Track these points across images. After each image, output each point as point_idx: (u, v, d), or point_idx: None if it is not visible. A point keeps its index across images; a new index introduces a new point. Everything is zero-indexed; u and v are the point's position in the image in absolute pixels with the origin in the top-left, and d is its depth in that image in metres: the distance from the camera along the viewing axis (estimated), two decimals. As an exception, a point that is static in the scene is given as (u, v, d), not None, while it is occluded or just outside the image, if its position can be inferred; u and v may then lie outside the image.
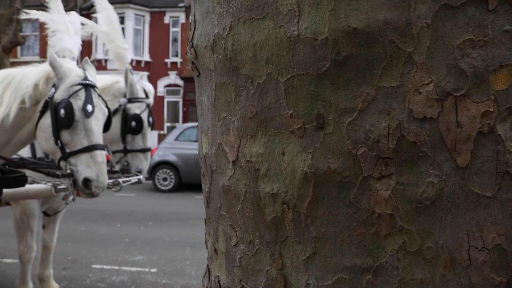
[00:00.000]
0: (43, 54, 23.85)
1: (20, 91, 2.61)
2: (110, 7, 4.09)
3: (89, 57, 3.07)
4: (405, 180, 0.67)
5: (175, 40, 23.76)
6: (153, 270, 5.46)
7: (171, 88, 23.17)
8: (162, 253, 6.14)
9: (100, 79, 3.93)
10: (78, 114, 2.53)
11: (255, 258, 0.78)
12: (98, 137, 2.59)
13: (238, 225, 0.80)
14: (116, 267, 5.56)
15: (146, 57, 22.04)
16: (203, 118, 0.90)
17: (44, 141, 2.61)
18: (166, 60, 22.84)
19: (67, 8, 20.24)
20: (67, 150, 2.54)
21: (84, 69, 2.72)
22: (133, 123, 3.68)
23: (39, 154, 3.79)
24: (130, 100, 3.75)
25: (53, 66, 2.59)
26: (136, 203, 9.98)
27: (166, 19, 23.43)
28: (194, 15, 0.90)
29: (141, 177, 3.83)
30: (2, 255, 5.98)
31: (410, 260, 0.67)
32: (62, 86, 2.57)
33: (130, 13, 21.67)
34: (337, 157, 0.69)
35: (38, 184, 3.23)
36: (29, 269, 4.26)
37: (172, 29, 23.58)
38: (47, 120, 2.58)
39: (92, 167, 2.51)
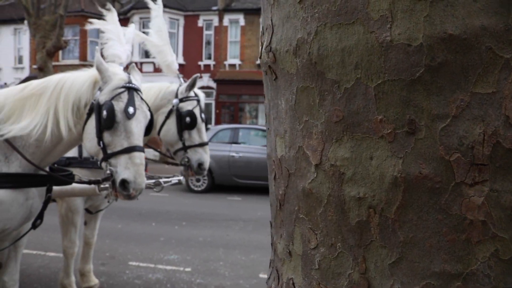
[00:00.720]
0: (82, 57, 24.58)
1: (71, 95, 2.70)
2: (162, 19, 4.22)
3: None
4: (499, 187, 0.66)
5: (208, 43, 23.96)
6: (188, 269, 5.51)
7: (204, 90, 23.30)
8: (196, 253, 6.19)
9: (153, 87, 4.05)
10: (119, 115, 2.57)
11: (337, 261, 0.79)
12: (137, 139, 2.61)
13: (318, 228, 0.81)
14: (152, 265, 5.64)
15: (180, 59, 22.30)
16: (279, 121, 0.91)
17: (88, 142, 2.67)
18: (200, 63, 23.09)
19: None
20: (108, 151, 2.58)
21: (129, 74, 2.78)
22: (187, 119, 3.76)
23: (85, 154, 3.90)
24: (181, 100, 3.84)
25: (99, 70, 2.66)
26: (170, 203, 10.08)
27: (200, 22, 23.68)
28: (271, 20, 0.91)
29: (181, 178, 3.89)
30: (46, 248, 6.16)
31: (502, 268, 0.67)
32: (106, 89, 2.63)
33: (164, 17, 22.00)
34: (429, 162, 0.69)
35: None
36: (72, 263, 4.38)
37: (205, 32, 23.79)
38: (92, 122, 2.64)
39: (130, 168, 2.53)
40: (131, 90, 2.66)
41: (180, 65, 4.51)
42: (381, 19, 0.70)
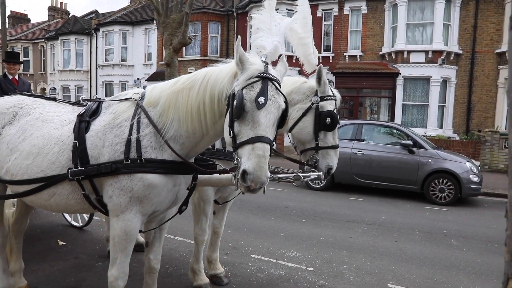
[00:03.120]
0: (203, 52, 25.87)
1: (216, 88, 2.74)
2: (308, 8, 4.08)
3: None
4: None
5: (326, 34, 23.13)
6: (310, 268, 5.38)
7: (322, 84, 22.95)
8: (318, 253, 6.03)
9: (288, 80, 3.96)
10: (248, 105, 2.50)
11: None
12: (264, 130, 2.50)
13: None
14: (274, 260, 5.61)
15: (297, 52, 22.04)
16: None
17: (225, 133, 2.65)
18: (318, 55, 22.57)
19: (225, 8, 21.85)
20: (237, 141, 2.55)
21: (267, 64, 2.69)
22: (328, 120, 3.63)
23: (217, 145, 3.95)
24: (322, 98, 3.72)
25: (240, 60, 2.63)
26: (289, 198, 10.02)
27: (319, 13, 22.95)
28: None
29: (320, 173, 3.73)
30: (175, 233, 6.48)
31: None
32: (241, 78, 2.60)
33: (283, 9, 21.79)
34: None
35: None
36: (202, 250, 4.53)
37: (324, 23, 23.05)
38: (228, 113, 2.62)
39: (252, 159, 2.44)
40: (266, 79, 2.58)
41: (297, 58, 4.35)
42: None
